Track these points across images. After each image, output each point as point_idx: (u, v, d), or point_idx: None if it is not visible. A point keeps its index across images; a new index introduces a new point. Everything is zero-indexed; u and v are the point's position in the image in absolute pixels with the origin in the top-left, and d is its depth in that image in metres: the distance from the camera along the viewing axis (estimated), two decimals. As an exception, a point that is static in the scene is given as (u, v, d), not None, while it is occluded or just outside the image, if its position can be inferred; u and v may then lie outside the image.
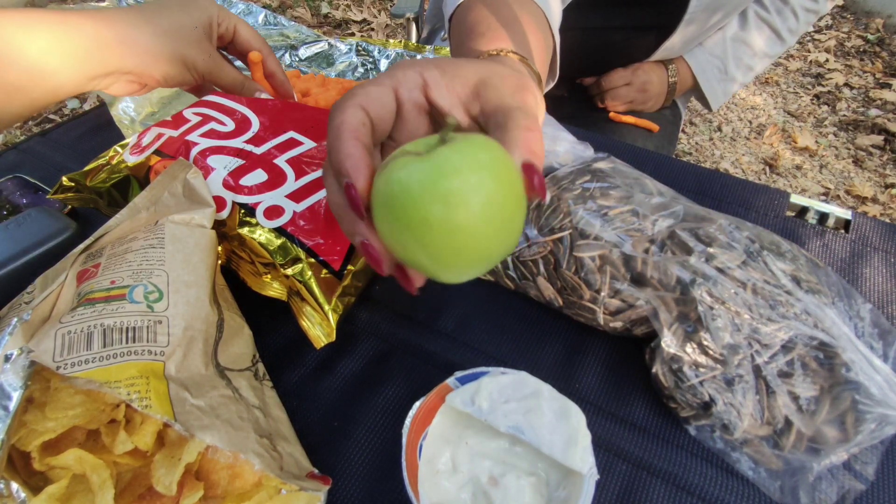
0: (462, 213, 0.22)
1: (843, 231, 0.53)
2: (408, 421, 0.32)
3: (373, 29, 2.43)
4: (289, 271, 0.38)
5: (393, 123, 0.30)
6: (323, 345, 0.38)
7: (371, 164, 0.26)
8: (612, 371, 0.41)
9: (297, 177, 0.42)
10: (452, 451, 0.33)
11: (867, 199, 1.66)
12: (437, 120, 0.31)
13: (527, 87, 0.30)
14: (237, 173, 0.41)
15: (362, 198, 0.25)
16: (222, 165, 0.41)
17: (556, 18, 0.51)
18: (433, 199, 0.22)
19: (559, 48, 0.50)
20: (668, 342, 0.36)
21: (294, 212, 0.40)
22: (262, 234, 0.39)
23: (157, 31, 0.43)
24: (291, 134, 0.45)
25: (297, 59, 0.71)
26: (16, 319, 0.30)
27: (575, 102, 0.90)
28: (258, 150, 0.43)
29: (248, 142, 0.44)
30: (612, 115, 0.85)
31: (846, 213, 0.54)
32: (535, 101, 0.31)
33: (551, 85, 0.54)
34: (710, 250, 0.38)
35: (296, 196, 0.41)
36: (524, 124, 0.26)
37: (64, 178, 0.45)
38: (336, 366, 0.42)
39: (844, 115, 1.98)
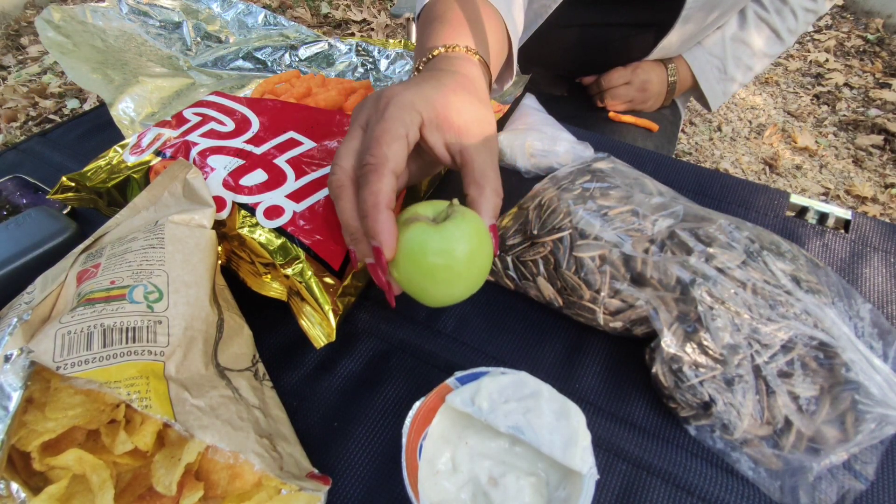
0: (455, 268, 0.33)
1: (842, 231, 0.53)
2: (408, 421, 0.32)
3: (373, 29, 2.43)
4: (289, 271, 0.38)
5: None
6: (323, 345, 0.38)
7: (397, 234, 0.33)
8: (612, 371, 0.41)
9: (297, 177, 0.42)
10: (452, 451, 0.33)
11: (867, 199, 1.66)
12: (421, 152, 0.38)
13: (490, 124, 0.38)
14: (237, 173, 0.41)
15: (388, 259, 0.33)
16: (222, 165, 0.41)
17: (517, 22, 0.54)
18: (440, 257, 0.33)
19: (536, 47, 0.52)
20: (668, 342, 0.36)
21: (294, 212, 0.40)
22: (262, 234, 0.39)
23: None
24: (291, 134, 0.45)
25: (297, 59, 0.71)
26: (16, 319, 0.30)
27: (575, 102, 0.90)
28: (258, 150, 0.43)
29: (248, 142, 0.44)
30: (611, 114, 0.85)
31: (846, 213, 0.54)
32: (494, 130, 0.38)
33: (510, 82, 0.59)
34: (710, 250, 0.38)
35: (296, 196, 0.41)
36: (494, 190, 0.36)
37: (64, 178, 0.45)
38: (336, 366, 0.42)
39: (844, 115, 1.98)
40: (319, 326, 0.38)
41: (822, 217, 0.55)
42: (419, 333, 0.43)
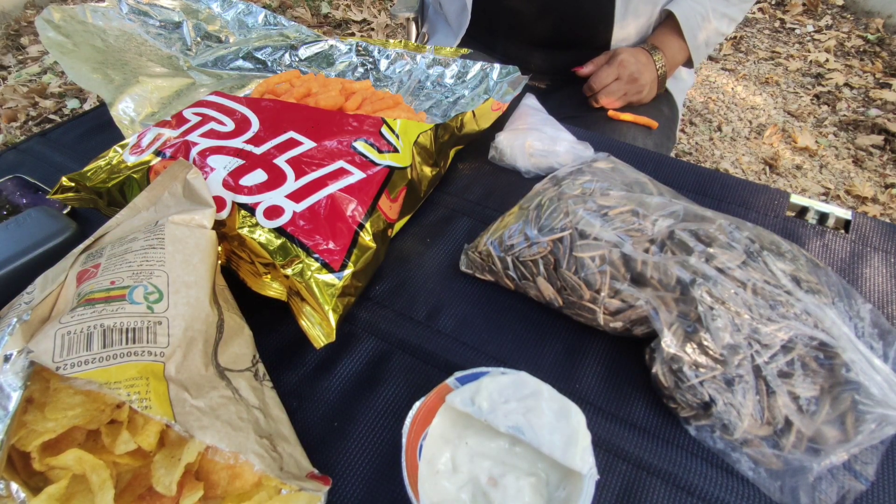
0: None
1: (843, 231, 0.53)
2: (408, 421, 0.32)
3: (373, 29, 2.43)
4: (289, 271, 0.38)
5: None
6: (323, 345, 0.38)
7: None
8: (612, 371, 0.41)
9: (297, 177, 0.42)
10: (452, 451, 0.33)
11: (867, 199, 1.65)
12: None
13: None
14: (237, 173, 0.41)
15: None
16: (222, 165, 0.41)
17: None
18: None
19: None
20: (668, 342, 0.36)
21: (294, 212, 0.40)
22: (261, 234, 0.39)
23: None
24: (291, 134, 0.45)
25: (297, 59, 0.71)
26: (15, 319, 0.30)
27: (575, 102, 0.90)
28: (258, 150, 0.43)
29: (247, 142, 0.44)
30: (610, 113, 0.85)
31: (846, 213, 0.54)
32: None
33: None
34: (710, 250, 0.38)
35: (296, 196, 0.41)
36: None
37: (64, 178, 0.45)
38: (336, 366, 0.42)
39: (844, 115, 1.98)
40: (319, 326, 0.38)
41: (823, 217, 0.55)
42: (419, 333, 0.43)
